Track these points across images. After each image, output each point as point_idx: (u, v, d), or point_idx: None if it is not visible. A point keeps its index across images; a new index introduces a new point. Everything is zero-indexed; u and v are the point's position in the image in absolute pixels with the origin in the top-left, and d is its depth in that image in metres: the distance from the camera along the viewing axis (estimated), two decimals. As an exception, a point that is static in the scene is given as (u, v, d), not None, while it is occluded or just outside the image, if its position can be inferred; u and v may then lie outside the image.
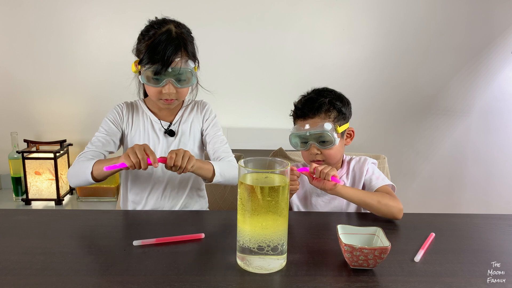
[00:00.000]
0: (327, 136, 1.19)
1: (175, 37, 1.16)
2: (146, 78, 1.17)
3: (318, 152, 1.22)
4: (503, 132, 2.55)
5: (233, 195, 1.55)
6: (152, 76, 1.16)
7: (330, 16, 2.36)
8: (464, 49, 2.44)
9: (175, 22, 1.22)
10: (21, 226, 1.02)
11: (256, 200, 0.80)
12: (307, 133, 1.20)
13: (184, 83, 1.19)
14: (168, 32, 1.16)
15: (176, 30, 1.18)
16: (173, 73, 1.16)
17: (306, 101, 1.24)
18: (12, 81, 2.32)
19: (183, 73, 1.18)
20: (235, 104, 2.43)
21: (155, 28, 1.18)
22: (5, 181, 2.41)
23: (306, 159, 1.28)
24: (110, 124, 1.27)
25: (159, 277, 0.78)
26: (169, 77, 1.16)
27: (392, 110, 2.50)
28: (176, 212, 1.23)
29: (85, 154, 1.21)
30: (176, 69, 1.16)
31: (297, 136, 1.23)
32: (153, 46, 1.14)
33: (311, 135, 1.20)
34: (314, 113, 1.21)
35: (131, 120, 1.30)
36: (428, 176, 2.56)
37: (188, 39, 1.20)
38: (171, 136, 1.30)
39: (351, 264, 0.83)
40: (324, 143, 1.20)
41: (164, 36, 1.15)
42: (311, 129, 1.20)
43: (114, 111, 1.30)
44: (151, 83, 1.17)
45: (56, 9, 2.25)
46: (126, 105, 1.32)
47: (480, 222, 1.11)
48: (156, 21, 1.22)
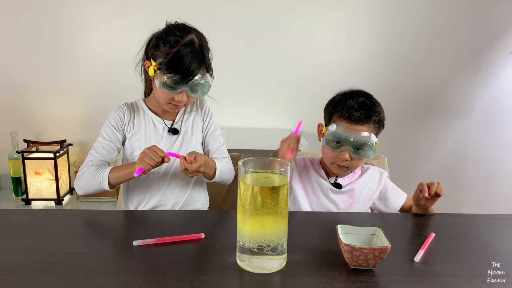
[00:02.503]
0: (367, 147, 1.16)
1: (199, 50, 1.16)
2: (162, 84, 1.17)
3: (349, 158, 1.17)
4: (503, 132, 2.56)
5: (233, 195, 1.55)
6: (171, 84, 1.16)
7: (330, 16, 2.36)
8: (464, 49, 2.44)
9: (196, 31, 1.22)
10: (21, 226, 1.02)
11: (256, 200, 0.80)
12: (351, 138, 1.15)
13: (197, 93, 1.21)
14: (191, 44, 1.15)
15: (199, 42, 1.17)
16: (192, 85, 1.17)
17: (362, 105, 1.17)
18: (12, 81, 2.32)
19: (199, 85, 1.19)
20: (235, 104, 2.43)
21: (177, 35, 1.16)
22: (5, 181, 2.41)
23: (330, 159, 1.22)
24: (112, 129, 1.27)
25: (159, 277, 0.78)
26: (186, 87, 1.17)
27: (392, 110, 2.50)
28: (176, 212, 1.23)
29: (91, 163, 1.23)
30: (195, 82, 1.17)
31: (335, 137, 1.17)
32: (178, 57, 1.14)
33: (353, 141, 1.15)
34: (367, 121, 1.17)
35: (132, 121, 1.30)
36: (428, 176, 2.56)
37: (208, 51, 1.21)
38: (174, 135, 1.30)
39: (351, 264, 0.83)
40: (360, 151, 1.17)
41: (188, 48, 1.14)
42: (357, 136, 1.15)
43: (115, 114, 1.29)
44: (166, 89, 1.17)
45: (56, 9, 2.25)
46: (127, 107, 1.32)
47: (480, 222, 1.11)
48: (177, 27, 1.20)
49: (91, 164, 1.23)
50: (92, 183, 1.19)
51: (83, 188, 1.22)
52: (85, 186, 1.21)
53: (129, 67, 1.24)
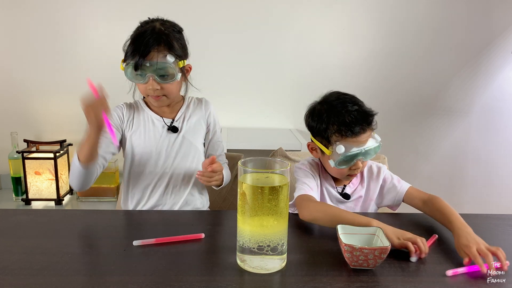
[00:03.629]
0: (376, 148, 1.14)
1: (156, 32, 1.18)
2: (130, 74, 1.19)
3: (362, 164, 1.15)
4: (503, 132, 2.55)
5: (233, 195, 1.55)
6: (134, 72, 1.17)
7: (330, 16, 2.36)
8: (464, 49, 2.44)
9: (164, 20, 1.24)
10: (21, 226, 1.02)
11: (256, 200, 0.80)
12: (363, 151, 1.11)
13: (167, 79, 1.19)
14: (151, 28, 1.18)
15: (159, 26, 1.20)
16: (153, 68, 1.16)
17: (359, 117, 1.11)
18: (12, 81, 2.32)
19: (163, 68, 1.17)
20: (235, 104, 2.43)
21: (141, 26, 1.22)
22: (5, 181, 2.41)
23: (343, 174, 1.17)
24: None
25: (159, 277, 0.78)
26: (149, 72, 1.17)
27: (392, 110, 2.50)
28: (176, 212, 1.23)
29: None
30: (153, 63, 1.15)
31: (348, 156, 1.10)
32: (134, 40, 1.17)
33: (365, 151, 1.12)
34: (368, 126, 1.13)
35: (131, 120, 1.31)
36: (428, 176, 2.56)
37: (171, 34, 1.20)
38: (174, 132, 1.30)
39: (351, 264, 0.83)
40: (368, 155, 1.15)
41: (145, 30, 1.17)
42: (366, 145, 1.11)
43: (113, 113, 1.29)
44: (134, 79, 1.20)
45: (56, 9, 2.24)
46: (126, 106, 1.33)
47: (480, 222, 1.11)
48: (145, 21, 1.24)
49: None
50: (72, 169, 1.16)
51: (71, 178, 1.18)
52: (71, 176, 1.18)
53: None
